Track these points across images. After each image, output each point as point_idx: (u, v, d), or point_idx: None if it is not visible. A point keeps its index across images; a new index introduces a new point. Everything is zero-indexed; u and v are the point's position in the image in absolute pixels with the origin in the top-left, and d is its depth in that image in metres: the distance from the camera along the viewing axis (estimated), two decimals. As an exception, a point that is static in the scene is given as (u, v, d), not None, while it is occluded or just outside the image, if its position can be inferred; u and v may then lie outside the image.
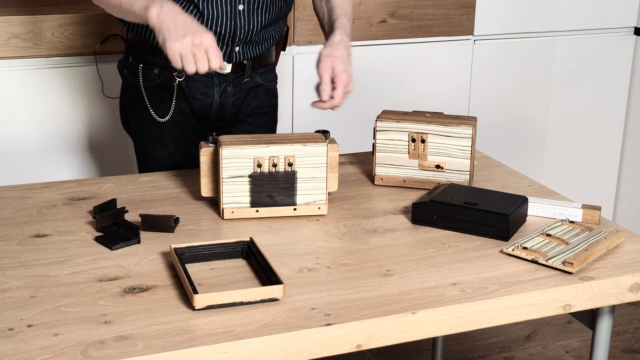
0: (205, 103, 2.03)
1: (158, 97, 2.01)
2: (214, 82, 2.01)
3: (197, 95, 2.02)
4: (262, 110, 2.12)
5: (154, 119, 2.02)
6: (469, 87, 3.03)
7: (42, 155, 2.55)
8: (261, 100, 2.11)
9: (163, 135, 2.04)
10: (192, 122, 2.05)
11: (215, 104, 2.04)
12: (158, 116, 2.02)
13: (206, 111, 2.04)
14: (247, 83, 2.06)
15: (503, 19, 3.02)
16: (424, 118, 1.88)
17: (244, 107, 2.08)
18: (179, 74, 1.98)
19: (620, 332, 2.98)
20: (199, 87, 2.01)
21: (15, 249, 1.57)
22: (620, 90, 3.30)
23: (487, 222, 1.66)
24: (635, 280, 1.53)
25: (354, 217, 1.75)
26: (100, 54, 2.48)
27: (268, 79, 2.11)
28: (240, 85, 2.04)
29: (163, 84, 2.00)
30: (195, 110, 2.04)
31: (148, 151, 2.07)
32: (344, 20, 1.92)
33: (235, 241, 1.56)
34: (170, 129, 2.03)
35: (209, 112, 2.05)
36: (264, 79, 2.09)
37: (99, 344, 1.26)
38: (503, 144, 3.13)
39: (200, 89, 2.01)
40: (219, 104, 2.04)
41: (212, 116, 2.06)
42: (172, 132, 2.03)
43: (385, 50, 2.87)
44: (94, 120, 2.57)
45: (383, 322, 1.36)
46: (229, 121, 2.08)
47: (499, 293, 1.45)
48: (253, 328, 1.32)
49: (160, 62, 1.97)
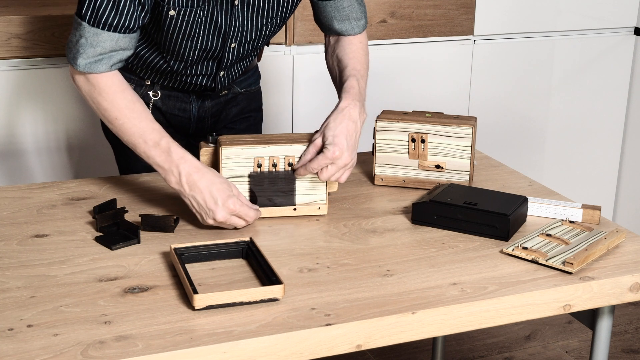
0: (183, 118, 2.00)
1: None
2: (190, 98, 1.98)
3: (174, 111, 1.99)
4: (243, 116, 2.10)
5: None
6: (469, 87, 3.03)
7: (42, 155, 2.55)
8: (240, 107, 2.08)
9: None
10: (170, 132, 2.00)
11: (194, 118, 2.01)
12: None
13: (184, 125, 2.02)
14: (226, 95, 2.03)
15: (503, 19, 3.02)
16: (424, 118, 1.88)
17: (223, 117, 2.06)
18: (154, 93, 1.95)
19: (620, 332, 2.98)
20: (175, 104, 1.98)
21: (15, 249, 1.57)
22: (620, 90, 3.30)
23: (487, 222, 1.66)
24: (635, 280, 1.53)
25: (354, 217, 1.75)
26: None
27: (248, 84, 2.07)
28: (218, 97, 2.02)
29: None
30: (173, 124, 2.01)
31: (130, 162, 2.02)
32: (353, 82, 1.78)
33: (235, 241, 1.56)
34: None
35: (187, 126, 2.02)
36: (243, 87, 2.06)
37: (99, 344, 1.26)
38: (503, 144, 3.13)
39: (177, 105, 1.98)
40: (197, 118, 2.01)
41: (191, 129, 2.03)
42: None
43: (385, 50, 2.87)
44: (95, 120, 2.57)
45: (383, 322, 1.36)
46: (208, 131, 2.05)
47: (499, 293, 1.45)
48: (253, 328, 1.32)
49: (134, 78, 1.93)
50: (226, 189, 1.62)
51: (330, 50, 1.92)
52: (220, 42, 1.83)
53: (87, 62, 1.66)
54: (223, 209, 1.61)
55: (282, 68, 2.75)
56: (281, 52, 2.74)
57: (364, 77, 1.84)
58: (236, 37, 1.83)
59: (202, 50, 1.83)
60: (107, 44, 1.66)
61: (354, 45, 1.89)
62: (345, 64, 1.84)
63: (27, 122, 2.51)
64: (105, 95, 1.68)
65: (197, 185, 1.62)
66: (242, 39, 1.84)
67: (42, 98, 2.51)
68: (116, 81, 1.69)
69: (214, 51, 1.85)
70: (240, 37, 1.84)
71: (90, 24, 1.65)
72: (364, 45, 1.91)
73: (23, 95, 2.49)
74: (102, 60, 1.67)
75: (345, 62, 1.85)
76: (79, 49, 1.66)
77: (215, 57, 1.87)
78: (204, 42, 1.81)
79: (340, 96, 1.78)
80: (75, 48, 1.67)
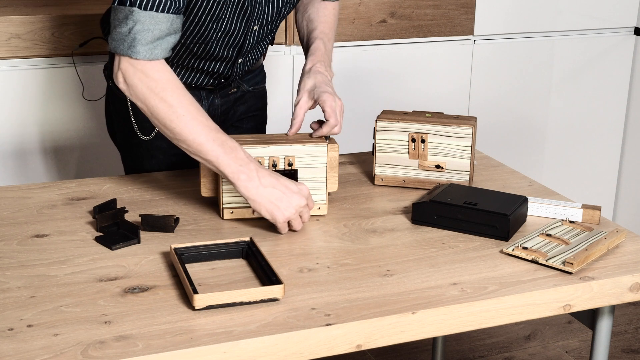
0: None
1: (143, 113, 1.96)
2: (201, 96, 1.97)
3: None
4: (250, 114, 2.10)
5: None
6: (469, 87, 3.03)
7: (42, 155, 2.55)
8: (248, 105, 2.08)
9: (151, 147, 1.97)
10: None
11: None
12: (143, 134, 1.94)
13: None
14: (235, 93, 2.04)
15: (503, 19, 3.02)
16: (424, 118, 1.88)
17: (230, 115, 2.06)
18: None
19: (620, 332, 2.98)
20: None
21: (15, 249, 1.57)
22: (620, 90, 3.30)
23: (487, 222, 1.66)
24: (635, 280, 1.53)
25: (354, 217, 1.75)
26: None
27: (256, 82, 2.08)
28: (227, 95, 2.02)
29: None
30: None
31: (136, 163, 2.01)
32: (319, 44, 1.88)
33: (235, 241, 1.56)
34: (158, 140, 1.95)
35: None
36: (251, 84, 2.07)
37: (99, 344, 1.26)
38: (503, 144, 3.13)
39: None
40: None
41: None
42: (161, 142, 1.94)
43: (385, 50, 2.87)
44: (95, 120, 2.57)
45: (383, 322, 1.36)
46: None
47: (499, 293, 1.45)
48: (253, 328, 1.32)
49: None
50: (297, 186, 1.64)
51: (302, 9, 1.98)
52: (244, 24, 1.83)
53: (146, 48, 1.61)
54: (299, 201, 1.62)
55: (282, 68, 2.75)
56: (281, 52, 2.74)
57: (331, 40, 1.92)
58: (258, 19, 1.84)
59: (225, 33, 1.83)
60: (163, 26, 1.62)
61: (327, 10, 1.96)
62: (314, 27, 1.92)
63: (27, 122, 2.51)
64: (171, 91, 1.62)
65: (269, 179, 1.62)
66: (263, 21, 1.86)
67: (42, 98, 2.51)
68: (175, 76, 1.65)
69: (237, 34, 1.85)
70: (262, 19, 1.85)
71: (143, 9, 1.60)
72: (336, 12, 1.99)
73: (23, 95, 2.49)
74: (160, 46, 1.63)
75: (314, 24, 1.92)
76: (135, 36, 1.60)
77: (237, 41, 1.87)
78: (229, 24, 1.81)
79: (306, 58, 1.87)
80: (129, 37, 1.61)
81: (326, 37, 1.91)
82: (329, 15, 1.96)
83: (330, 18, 1.96)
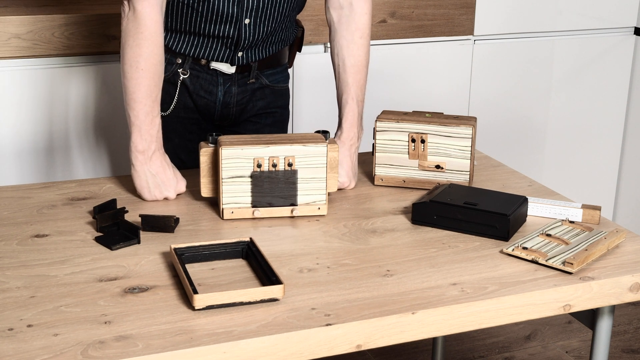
0: (209, 101, 2.03)
1: (162, 90, 2.00)
2: (218, 81, 2.01)
3: (200, 93, 2.02)
4: (269, 110, 2.11)
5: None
6: (469, 87, 3.03)
7: (42, 155, 2.55)
8: (267, 100, 2.10)
9: (167, 129, 1.99)
10: (196, 118, 2.04)
11: (219, 102, 2.03)
12: (161, 109, 2.00)
13: (210, 109, 2.04)
14: (253, 84, 2.05)
15: (503, 19, 3.02)
16: (424, 118, 1.88)
17: (249, 108, 2.08)
18: (184, 71, 1.98)
19: (620, 332, 2.98)
20: (202, 84, 2.01)
21: (15, 249, 1.57)
22: (620, 90, 3.30)
23: (487, 222, 1.66)
24: (635, 280, 1.53)
25: (354, 217, 1.75)
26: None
27: (276, 80, 2.10)
28: (245, 85, 2.04)
29: (168, 78, 1.99)
30: (199, 107, 2.04)
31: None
32: (352, 106, 1.92)
33: (235, 241, 1.56)
34: (174, 123, 2.02)
35: (212, 110, 2.05)
36: (271, 80, 2.08)
37: (99, 344, 1.26)
38: (503, 144, 3.13)
39: (204, 86, 2.01)
40: (223, 103, 2.04)
41: (216, 114, 2.05)
42: (177, 126, 2.02)
43: (385, 50, 2.87)
44: (95, 121, 2.57)
45: (383, 322, 1.36)
46: (233, 121, 2.08)
47: (499, 293, 1.45)
48: (253, 328, 1.32)
49: (166, 57, 1.96)
50: (174, 185, 1.82)
51: (333, 44, 1.98)
52: None
53: None
54: (172, 191, 1.82)
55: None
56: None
57: (362, 101, 1.96)
58: None
59: None
60: None
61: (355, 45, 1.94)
62: (346, 81, 1.94)
63: (27, 122, 2.51)
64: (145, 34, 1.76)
65: (157, 166, 1.79)
66: None
67: (42, 98, 2.51)
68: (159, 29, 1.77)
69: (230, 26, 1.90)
70: None
71: None
72: (365, 42, 1.96)
73: (23, 95, 2.49)
74: None
75: (345, 79, 1.94)
76: None
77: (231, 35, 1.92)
78: None
79: (340, 120, 1.94)
80: None
81: (357, 97, 1.94)
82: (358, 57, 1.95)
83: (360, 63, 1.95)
